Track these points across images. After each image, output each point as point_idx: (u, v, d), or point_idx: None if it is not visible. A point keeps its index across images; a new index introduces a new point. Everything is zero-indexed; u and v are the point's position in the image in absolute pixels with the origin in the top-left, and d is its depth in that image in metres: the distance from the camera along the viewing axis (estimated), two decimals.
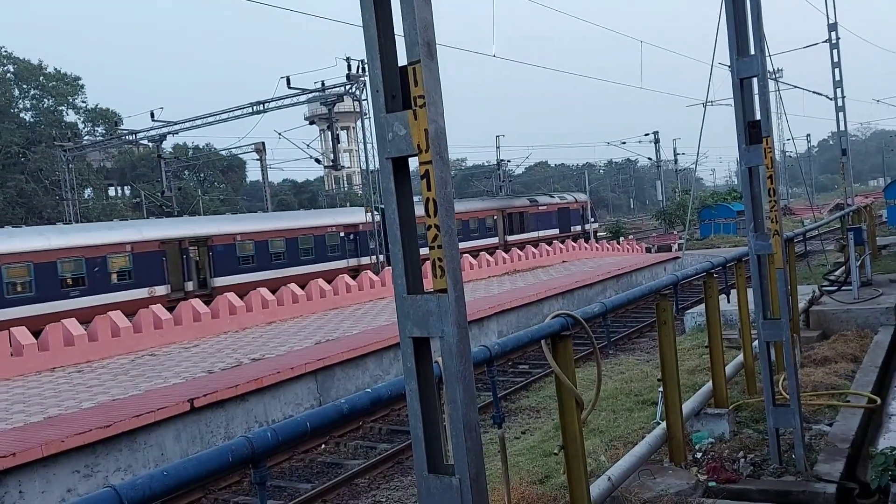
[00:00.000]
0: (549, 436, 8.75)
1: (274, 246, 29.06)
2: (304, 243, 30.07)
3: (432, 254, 2.38)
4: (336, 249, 31.30)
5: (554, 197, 49.29)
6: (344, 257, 31.40)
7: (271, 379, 12.76)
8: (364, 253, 32.11)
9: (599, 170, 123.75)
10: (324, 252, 30.64)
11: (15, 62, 59.41)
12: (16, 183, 54.30)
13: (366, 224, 31.63)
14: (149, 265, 24.82)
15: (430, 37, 2.29)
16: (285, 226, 30.25)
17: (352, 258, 31.79)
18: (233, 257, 27.65)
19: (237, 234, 27.93)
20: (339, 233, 31.39)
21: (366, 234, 31.87)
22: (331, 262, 30.55)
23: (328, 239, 31.07)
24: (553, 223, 46.32)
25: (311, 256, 30.09)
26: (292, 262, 29.30)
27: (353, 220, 32.31)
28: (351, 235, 31.88)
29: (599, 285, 25.45)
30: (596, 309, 5.12)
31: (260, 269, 28.04)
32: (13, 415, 11.51)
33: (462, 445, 2.37)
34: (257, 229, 28.82)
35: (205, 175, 72.62)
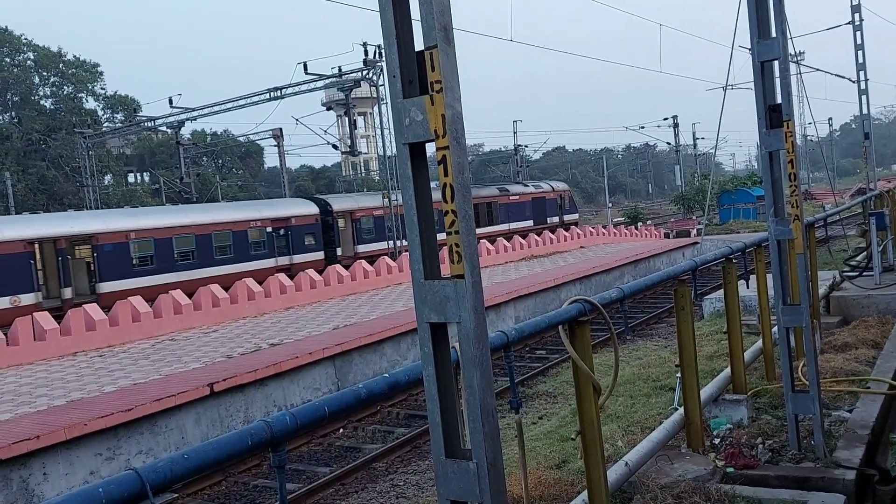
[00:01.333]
0: (566, 421, 8.76)
1: (181, 244, 25.38)
2: (220, 241, 26.42)
3: (449, 239, 2.38)
4: (262, 247, 27.81)
5: (528, 186, 44.89)
6: (272, 255, 27.97)
7: (290, 364, 12.86)
8: (299, 250, 29.04)
9: (618, 155, 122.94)
10: (246, 250, 27.09)
11: (35, 50, 59.88)
12: (37, 170, 54.91)
13: (300, 218, 29.24)
14: (9, 270, 20.92)
15: (447, 21, 2.28)
16: (196, 220, 26.33)
17: (283, 256, 28.42)
18: (125, 258, 23.79)
19: (130, 232, 24.26)
20: (265, 228, 28.00)
21: (301, 228, 29.16)
22: (255, 261, 27.12)
23: (252, 235, 27.55)
24: (526, 214, 42.29)
25: (230, 255, 26.51)
26: (205, 262, 25.67)
27: (283, 213, 29.12)
28: (281, 231, 28.60)
29: (617, 271, 25.35)
30: (613, 294, 5.10)
31: (162, 271, 24.37)
32: (37, 398, 11.71)
33: (479, 430, 2.38)
34: (157, 225, 25.10)
35: (223, 161, 73.01)
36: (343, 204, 32.13)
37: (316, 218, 30.08)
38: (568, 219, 45.56)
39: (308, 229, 29.68)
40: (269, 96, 33.76)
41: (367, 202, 33.19)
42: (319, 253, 29.62)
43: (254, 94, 34.41)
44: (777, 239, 5.99)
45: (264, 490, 9.69)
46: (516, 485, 5.23)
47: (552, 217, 44.62)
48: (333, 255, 30.00)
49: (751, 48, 5.86)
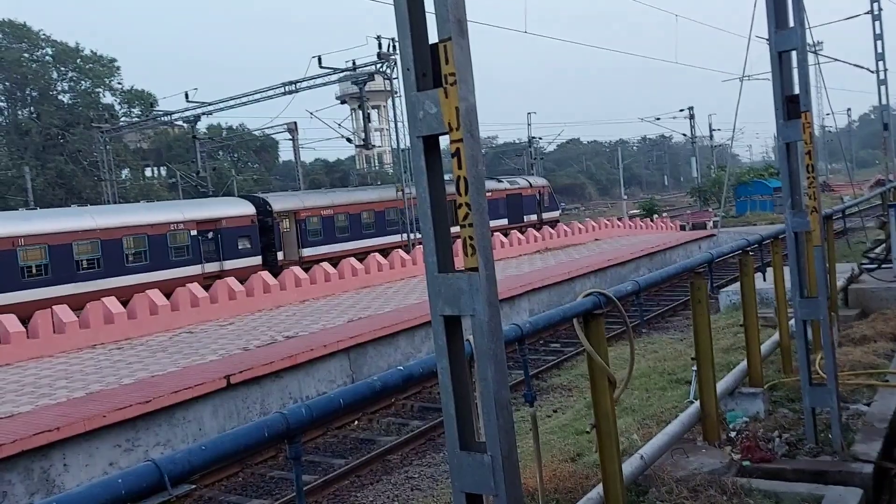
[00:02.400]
0: (581, 414, 8.75)
1: (83, 251, 21.95)
2: (133, 246, 23.37)
3: (463, 232, 2.38)
4: (185, 252, 24.86)
5: (502, 181, 41.07)
6: (197, 262, 25.13)
7: (305, 356, 12.93)
8: (231, 255, 26.15)
9: (633, 146, 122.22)
10: (165, 256, 24.10)
11: (53, 45, 60.36)
12: (56, 164, 55.41)
13: (232, 219, 26.41)
14: None
15: (461, 14, 2.27)
16: (102, 224, 22.71)
17: (210, 262, 25.51)
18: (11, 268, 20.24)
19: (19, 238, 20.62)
20: (189, 231, 25.12)
21: (234, 230, 26.41)
22: (176, 268, 24.23)
23: (174, 239, 24.62)
24: (500, 212, 38.56)
25: (145, 263, 23.50)
26: (113, 271, 22.38)
27: (212, 214, 26.16)
28: (209, 234, 25.81)
29: (632, 263, 25.25)
30: (629, 287, 5.08)
31: (58, 282, 20.89)
32: (57, 390, 11.85)
33: (494, 423, 2.39)
34: (54, 230, 21.47)
35: (238, 155, 73.32)
36: (285, 203, 29.34)
37: (252, 219, 27.15)
38: (548, 216, 42.36)
39: (242, 232, 26.78)
40: (283, 90, 33.84)
41: (313, 201, 30.43)
42: (256, 258, 26.77)
43: (269, 88, 34.52)
44: (794, 231, 5.94)
45: (281, 481, 9.76)
46: (531, 478, 5.24)
47: (530, 215, 41.27)
48: (273, 259, 27.49)
49: (768, 38, 5.80)
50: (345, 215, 30.63)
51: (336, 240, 30.14)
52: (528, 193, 42.08)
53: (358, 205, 31.62)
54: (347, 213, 30.78)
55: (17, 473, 9.06)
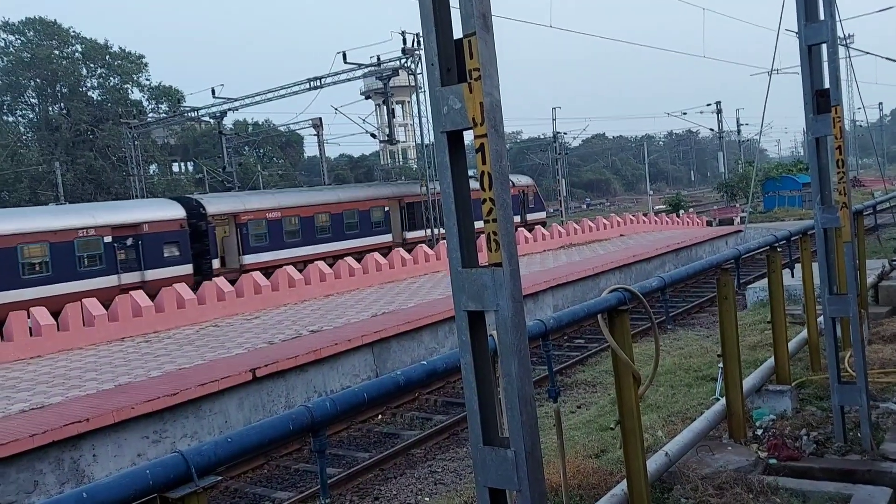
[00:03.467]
0: (605, 410, 8.71)
1: None
2: (32, 255, 20.61)
3: (487, 227, 2.38)
4: (98, 262, 22.13)
5: None
6: (111, 272, 22.35)
7: (329, 350, 13.01)
8: (155, 264, 23.42)
9: (659, 141, 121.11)
10: (72, 266, 21.39)
11: (83, 42, 61.25)
12: (85, 160, 56.28)
13: (156, 224, 23.80)
14: None
15: (486, 8, 2.26)
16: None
17: (129, 272, 22.86)
18: None
19: None
20: (101, 237, 22.27)
21: (158, 236, 23.76)
22: (85, 279, 21.49)
23: (83, 247, 21.85)
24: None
25: (45, 274, 20.83)
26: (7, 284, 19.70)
27: (130, 218, 23.47)
28: (128, 240, 23.12)
29: (658, 259, 25.04)
30: (654, 283, 5.05)
31: None
32: (86, 382, 12.06)
33: (517, 418, 2.38)
34: None
35: (264, 151, 73.90)
36: (223, 205, 26.72)
37: (181, 223, 24.57)
38: (532, 218, 39.11)
39: (169, 237, 24.13)
40: (309, 86, 34.02)
41: (257, 203, 27.69)
42: (186, 266, 24.28)
43: (294, 83, 34.73)
44: (824, 227, 5.85)
45: (305, 474, 9.84)
46: (554, 473, 5.23)
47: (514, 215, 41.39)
48: (208, 268, 24.84)
49: (798, 31, 5.71)
50: (297, 218, 27.78)
51: (286, 245, 27.28)
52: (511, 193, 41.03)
53: (316, 206, 28.69)
54: (300, 215, 27.93)
55: (48, 463, 9.24)
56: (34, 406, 10.66)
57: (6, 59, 60.49)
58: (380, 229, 31.02)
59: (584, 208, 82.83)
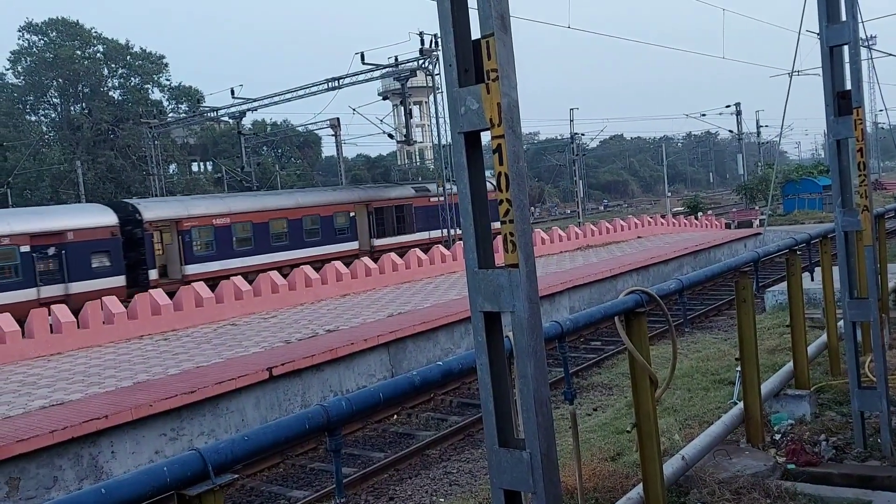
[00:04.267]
0: (621, 413, 8.67)
1: None
2: None
3: (504, 228, 2.37)
4: (11, 273, 20.23)
5: (417, 188, 35.41)
6: (29, 284, 20.45)
7: (346, 350, 13.06)
8: (81, 275, 21.46)
9: (678, 143, 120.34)
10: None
11: (104, 42, 61.92)
12: (106, 159, 56.88)
13: (82, 231, 21.84)
14: None
15: (504, 9, 2.26)
16: None
17: (50, 285, 21.00)
18: None
19: None
20: (17, 247, 20.40)
21: (84, 245, 21.72)
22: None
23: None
24: (416, 225, 33.41)
25: None
26: None
27: (52, 226, 21.51)
28: (49, 250, 21.10)
29: (676, 262, 24.88)
30: (672, 286, 5.02)
31: None
32: (105, 379, 12.18)
33: (533, 420, 2.38)
34: None
35: (282, 151, 74.33)
36: (162, 211, 24.87)
37: (112, 231, 22.71)
38: None
39: (98, 246, 22.15)
40: (327, 86, 34.14)
41: (202, 208, 25.61)
42: (118, 278, 22.34)
43: (312, 84, 34.86)
44: (844, 230, 5.79)
45: (321, 473, 9.88)
46: (570, 476, 5.21)
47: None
48: (143, 279, 23.05)
49: (819, 32, 5.65)
50: (249, 224, 25.99)
51: (236, 254, 25.41)
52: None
53: (271, 211, 26.98)
54: (252, 221, 26.18)
55: (67, 459, 9.35)
56: (54, 402, 10.78)
57: (29, 59, 61.29)
58: (344, 236, 29.12)
59: (602, 209, 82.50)
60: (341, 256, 26.11)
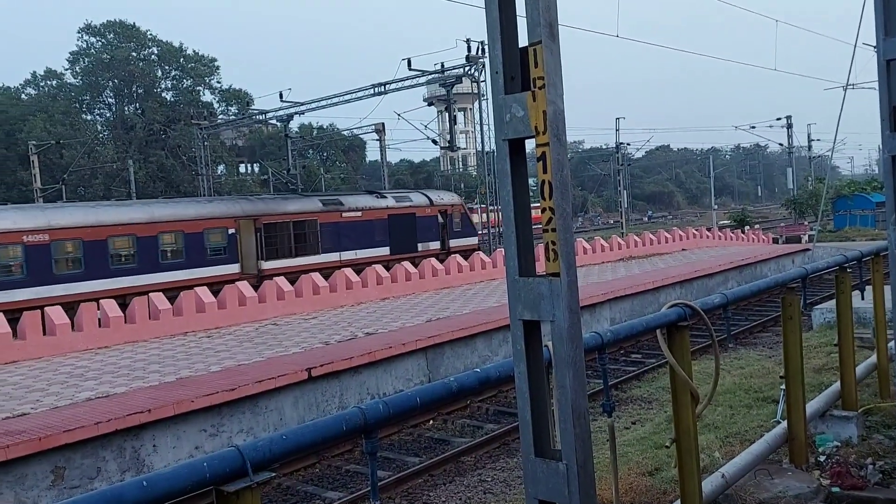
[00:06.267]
0: (660, 428, 8.54)
1: None
2: None
3: (546, 237, 2.36)
4: None
5: (386, 197, 30.95)
6: None
7: (384, 353, 13.12)
8: None
9: (725, 155, 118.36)
10: None
11: (159, 45, 63.56)
12: (157, 158, 58.31)
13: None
14: None
15: (553, 17, 2.26)
16: None
17: None
18: None
19: None
20: None
21: None
22: None
23: None
24: (377, 238, 29.30)
25: None
26: None
27: None
28: None
29: (721, 275, 24.43)
30: (716, 300, 4.93)
31: None
32: (149, 374, 12.45)
33: (570, 431, 2.36)
34: None
35: (327, 154, 75.23)
36: None
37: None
38: (459, 244, 32.19)
39: None
40: (373, 91, 34.49)
41: (8, 221, 20.31)
42: None
43: (359, 89, 35.25)
44: None
45: (356, 475, 9.93)
46: (606, 489, 5.15)
47: (428, 242, 31.33)
48: None
49: (876, 46, 5.51)
50: (78, 242, 21.13)
51: (57, 279, 20.52)
52: (425, 214, 31.58)
53: (113, 226, 22.00)
54: (83, 238, 21.24)
55: (110, 451, 9.57)
56: (100, 395, 11.06)
57: (87, 60, 63.23)
58: (218, 257, 24.30)
59: (646, 221, 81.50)
60: (213, 282, 21.02)
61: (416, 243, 30.79)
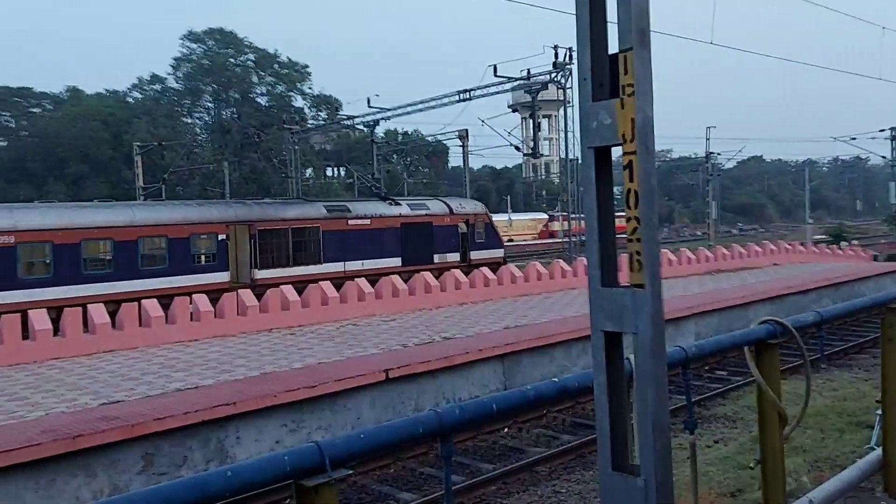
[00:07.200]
0: (744, 448, 8.23)
1: None
2: None
3: (630, 247, 2.32)
4: None
5: (399, 204, 29.50)
6: None
7: (461, 358, 13.15)
8: None
9: (822, 167, 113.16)
10: None
11: (255, 51, 66.01)
12: (251, 161, 60.51)
13: None
14: None
15: (645, 24, 2.22)
16: None
17: None
18: None
19: None
20: None
21: None
22: None
23: None
24: (387, 248, 27.72)
25: None
26: None
27: None
28: None
29: (814, 293, 23.33)
30: (809, 318, 4.71)
31: None
32: (235, 367, 12.90)
33: (650, 446, 2.30)
34: None
35: (411, 159, 76.25)
36: None
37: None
38: (482, 256, 30.19)
39: None
40: (458, 98, 34.71)
41: None
42: None
43: (444, 95, 35.55)
44: None
45: (429, 478, 9.99)
46: None
47: (446, 253, 29.49)
48: None
49: None
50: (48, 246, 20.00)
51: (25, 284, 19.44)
52: (444, 223, 29.83)
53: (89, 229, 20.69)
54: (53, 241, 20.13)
55: (196, 441, 9.96)
56: (189, 386, 11.53)
57: (189, 65, 66.26)
58: (206, 265, 23.00)
59: (735, 233, 78.81)
60: (200, 291, 19.40)
61: (432, 254, 29.12)
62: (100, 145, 60.66)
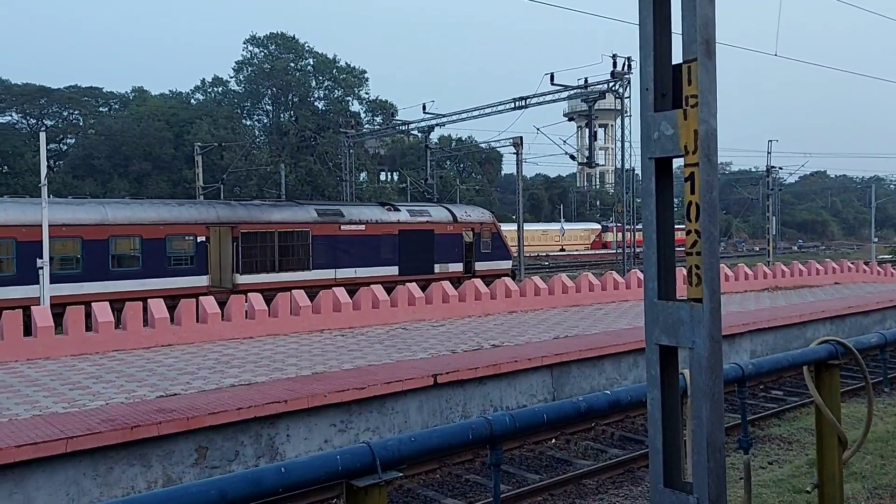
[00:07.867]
0: (801, 471, 7.98)
1: None
2: None
3: (690, 260, 2.29)
4: None
5: (398, 210, 28.20)
6: None
7: (509, 367, 13.10)
8: None
9: (890, 184, 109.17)
10: None
11: (315, 56, 67.20)
12: (306, 164, 61.53)
13: None
14: None
15: (710, 34, 2.19)
16: None
17: None
18: None
19: None
20: None
21: None
22: None
23: None
24: (383, 256, 26.57)
25: None
26: None
27: None
28: None
29: (878, 314, 22.51)
30: (873, 339, 4.56)
31: None
32: (287, 366, 13.11)
33: (703, 464, 2.26)
34: None
35: (464, 165, 76.42)
36: None
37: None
38: (485, 267, 28.92)
39: None
40: (513, 105, 34.66)
41: None
42: None
43: (499, 102, 35.54)
44: None
45: (475, 485, 9.96)
46: None
47: (447, 262, 28.28)
48: None
49: None
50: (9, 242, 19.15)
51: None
52: (446, 231, 28.47)
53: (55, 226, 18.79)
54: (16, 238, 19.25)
55: (248, 436, 10.15)
56: (242, 382, 11.77)
57: (250, 69, 67.86)
58: (185, 268, 22.08)
59: (795, 250, 76.63)
60: (176, 295, 18.78)
61: (432, 263, 27.83)
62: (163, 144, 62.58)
